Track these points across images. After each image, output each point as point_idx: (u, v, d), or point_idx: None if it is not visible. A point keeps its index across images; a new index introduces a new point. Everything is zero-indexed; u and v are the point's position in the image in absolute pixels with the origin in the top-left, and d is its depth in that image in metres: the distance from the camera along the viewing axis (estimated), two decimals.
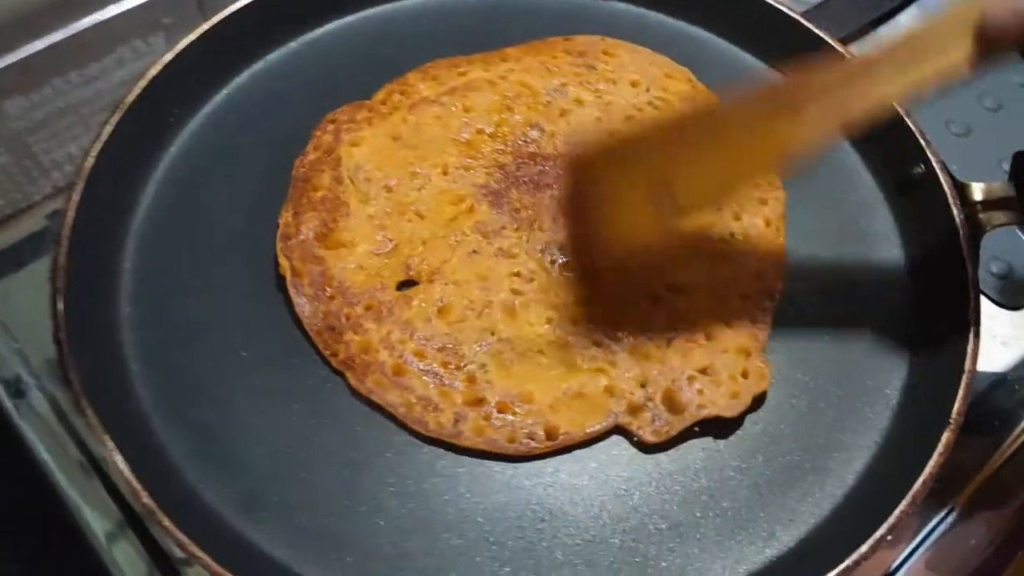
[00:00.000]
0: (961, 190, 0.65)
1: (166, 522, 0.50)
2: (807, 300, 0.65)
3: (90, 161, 0.63)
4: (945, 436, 0.56)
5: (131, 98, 0.67)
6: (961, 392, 0.57)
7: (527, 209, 0.67)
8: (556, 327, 0.61)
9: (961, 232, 0.64)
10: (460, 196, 0.67)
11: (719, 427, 0.59)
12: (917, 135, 0.68)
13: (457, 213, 0.66)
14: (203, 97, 0.72)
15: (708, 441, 0.59)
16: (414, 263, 0.64)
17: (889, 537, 0.52)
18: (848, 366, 0.63)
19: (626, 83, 0.74)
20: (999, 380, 0.72)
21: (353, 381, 0.59)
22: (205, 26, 0.71)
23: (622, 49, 0.77)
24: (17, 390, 0.69)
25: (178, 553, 0.57)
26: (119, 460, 0.52)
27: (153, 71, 0.68)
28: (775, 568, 0.55)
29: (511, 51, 0.76)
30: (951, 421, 0.56)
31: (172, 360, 0.60)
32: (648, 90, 0.74)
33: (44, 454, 0.65)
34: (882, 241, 0.68)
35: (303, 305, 0.62)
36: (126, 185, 0.66)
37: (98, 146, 0.64)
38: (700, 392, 0.60)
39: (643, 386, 0.60)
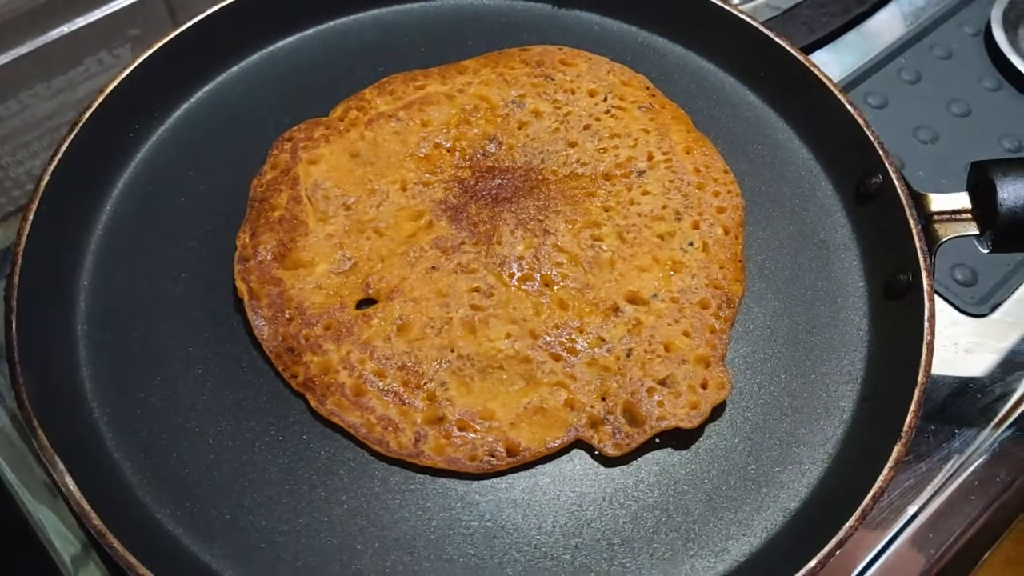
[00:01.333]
0: (918, 200, 0.65)
1: (115, 544, 0.50)
2: (765, 309, 0.66)
3: (46, 179, 0.64)
4: (896, 450, 0.56)
5: (87, 115, 0.67)
6: (912, 406, 0.57)
7: (485, 223, 0.67)
8: (515, 341, 0.61)
9: (918, 242, 0.64)
10: (419, 212, 0.67)
11: (678, 438, 0.60)
12: (875, 145, 0.68)
13: (416, 229, 0.66)
14: (162, 112, 0.73)
15: (663, 454, 0.59)
16: (373, 281, 0.64)
17: (838, 552, 0.52)
18: (803, 377, 0.63)
19: (584, 92, 0.75)
20: (961, 388, 0.72)
21: (313, 403, 0.59)
22: (163, 40, 0.71)
23: (580, 58, 0.77)
24: None
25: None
26: (69, 482, 0.52)
27: (110, 86, 0.69)
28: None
29: (469, 63, 0.76)
30: (902, 435, 0.56)
31: (128, 380, 0.61)
32: (606, 99, 0.74)
33: (9, 474, 0.66)
34: (841, 251, 0.69)
35: (262, 327, 0.62)
36: (84, 203, 0.67)
37: (55, 163, 0.64)
38: (660, 404, 0.60)
39: (603, 399, 0.60)
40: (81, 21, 0.88)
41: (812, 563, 0.52)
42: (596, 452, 0.59)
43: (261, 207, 0.67)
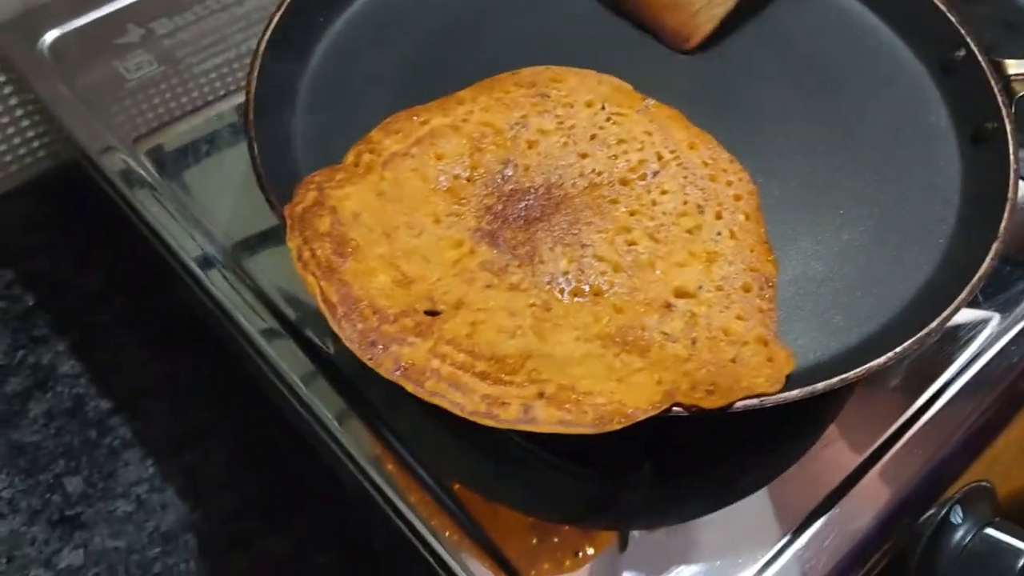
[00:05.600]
0: (996, 66, 0.79)
1: None
2: (877, 152, 0.80)
3: (262, 47, 0.77)
4: (995, 246, 0.68)
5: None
6: (1007, 214, 0.70)
7: (523, 245, 0.68)
8: (586, 343, 0.63)
9: (1000, 97, 0.77)
10: (458, 240, 0.68)
11: None
12: (958, 23, 0.82)
13: (460, 256, 0.67)
14: None
15: None
16: (437, 295, 0.64)
17: (952, 318, 0.65)
18: (909, 204, 0.76)
19: (582, 104, 0.77)
20: None
21: (410, 388, 0.58)
22: None
23: (568, 74, 0.79)
24: (206, 265, 0.79)
25: None
26: None
27: None
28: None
29: (465, 93, 0.77)
30: (999, 234, 0.69)
31: None
32: (604, 107, 0.77)
33: (239, 317, 0.76)
34: (931, 109, 0.82)
35: (340, 322, 0.61)
36: (292, 61, 0.81)
37: (264, 41, 0.78)
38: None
39: (686, 375, 0.61)
40: None
41: (934, 324, 0.64)
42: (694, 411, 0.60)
43: (303, 225, 0.66)
